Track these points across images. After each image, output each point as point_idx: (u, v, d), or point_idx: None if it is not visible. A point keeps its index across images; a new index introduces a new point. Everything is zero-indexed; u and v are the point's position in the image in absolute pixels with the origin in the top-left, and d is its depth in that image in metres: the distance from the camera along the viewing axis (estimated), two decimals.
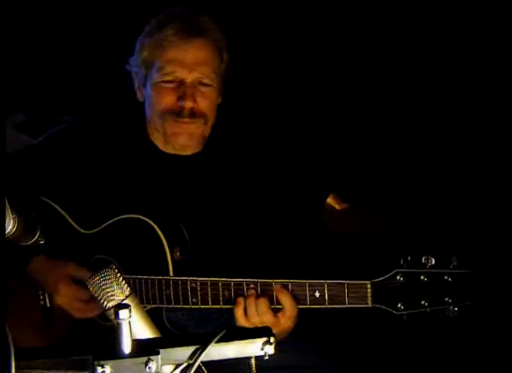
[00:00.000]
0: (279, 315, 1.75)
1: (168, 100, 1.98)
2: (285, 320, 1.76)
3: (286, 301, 1.74)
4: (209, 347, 1.27)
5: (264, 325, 1.73)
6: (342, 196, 2.21)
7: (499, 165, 2.77)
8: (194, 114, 1.98)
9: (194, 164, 2.07)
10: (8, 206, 1.35)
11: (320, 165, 2.37)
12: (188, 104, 1.97)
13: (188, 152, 2.06)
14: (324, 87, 3.00)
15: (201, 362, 1.28)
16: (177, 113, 1.98)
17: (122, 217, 1.95)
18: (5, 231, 1.36)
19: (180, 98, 1.97)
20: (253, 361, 1.33)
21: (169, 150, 2.08)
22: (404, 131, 2.92)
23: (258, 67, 2.93)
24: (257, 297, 1.76)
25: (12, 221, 1.38)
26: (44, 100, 3.03)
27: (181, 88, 1.97)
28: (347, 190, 2.35)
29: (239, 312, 1.76)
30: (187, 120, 1.98)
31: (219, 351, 1.29)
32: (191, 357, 1.27)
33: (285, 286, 1.76)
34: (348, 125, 2.98)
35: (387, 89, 2.95)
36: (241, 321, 1.76)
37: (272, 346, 1.30)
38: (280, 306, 1.76)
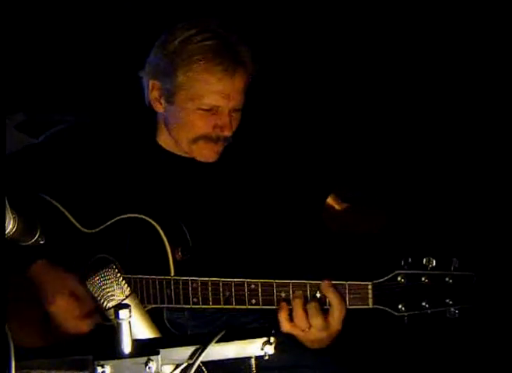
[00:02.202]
0: (329, 317, 1.69)
1: (203, 127, 1.98)
2: (335, 322, 1.70)
3: (335, 300, 1.69)
4: (209, 347, 1.27)
5: (312, 329, 1.69)
6: (342, 196, 2.20)
7: (502, 167, 2.76)
8: (227, 139, 2.01)
9: (198, 165, 2.08)
10: (8, 206, 1.35)
11: (321, 167, 2.36)
12: (227, 134, 1.99)
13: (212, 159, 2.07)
14: (324, 89, 3.00)
15: (201, 362, 1.28)
16: (212, 139, 1.99)
17: (124, 216, 1.95)
18: (5, 231, 1.36)
19: (218, 127, 1.97)
20: (253, 361, 1.33)
21: (174, 151, 2.09)
22: (406, 133, 2.91)
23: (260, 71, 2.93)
24: (307, 299, 1.71)
25: (12, 221, 1.38)
26: (44, 100, 3.03)
27: (219, 117, 1.97)
28: (347, 191, 2.34)
29: (283, 316, 1.71)
30: (220, 143, 2.00)
31: (219, 351, 1.29)
32: (191, 357, 1.27)
33: (285, 286, 1.75)
34: (350, 126, 2.97)
35: (388, 91, 2.95)
36: (285, 326, 1.71)
37: (272, 346, 1.31)
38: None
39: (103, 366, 1.20)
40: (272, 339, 1.31)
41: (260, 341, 1.31)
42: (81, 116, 2.52)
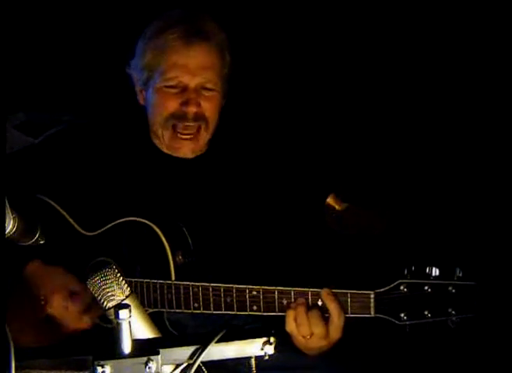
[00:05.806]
0: (329, 326, 1.69)
1: (171, 105, 1.99)
2: (334, 331, 1.69)
3: (335, 309, 1.68)
4: (209, 347, 1.27)
5: (314, 338, 1.69)
6: (343, 197, 2.20)
7: (505, 177, 2.74)
8: (197, 118, 2.00)
9: (197, 167, 2.07)
10: (8, 206, 1.35)
11: (322, 169, 2.35)
12: (192, 109, 1.98)
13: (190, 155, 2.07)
14: (326, 89, 2.99)
15: (201, 362, 1.28)
16: (180, 117, 1.99)
17: (125, 219, 1.94)
18: (5, 231, 1.36)
19: (184, 103, 1.98)
20: (253, 361, 1.33)
21: (171, 152, 2.08)
22: (410, 140, 2.89)
23: (260, 68, 2.92)
24: (309, 307, 1.70)
25: (12, 221, 1.38)
26: (44, 100, 3.03)
27: (185, 93, 1.98)
28: (347, 191, 2.34)
29: (291, 316, 1.70)
30: (191, 123, 1.99)
31: (219, 351, 1.29)
32: (191, 357, 1.27)
33: (287, 293, 1.73)
34: (354, 127, 2.96)
35: (392, 94, 2.93)
36: (291, 325, 1.70)
37: (272, 346, 1.31)
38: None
39: (103, 366, 1.20)
40: (272, 339, 1.31)
41: (260, 341, 1.32)
42: (80, 116, 2.52)
